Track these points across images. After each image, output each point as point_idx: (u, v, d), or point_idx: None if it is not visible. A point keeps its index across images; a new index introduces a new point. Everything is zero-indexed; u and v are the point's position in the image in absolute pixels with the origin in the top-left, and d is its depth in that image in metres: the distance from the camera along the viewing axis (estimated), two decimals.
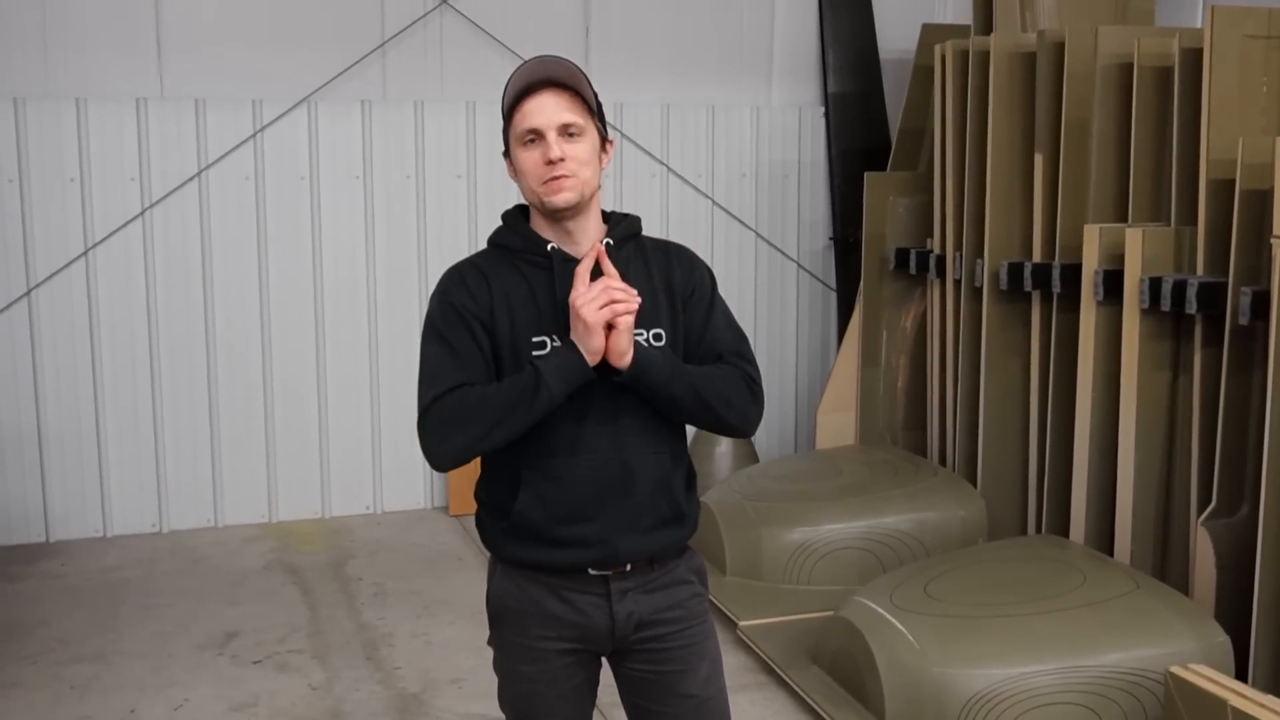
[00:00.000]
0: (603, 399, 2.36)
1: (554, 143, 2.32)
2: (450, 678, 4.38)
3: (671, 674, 2.48)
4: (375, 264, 6.19)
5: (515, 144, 2.37)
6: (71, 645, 4.66)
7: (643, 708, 2.54)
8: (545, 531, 2.38)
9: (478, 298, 2.37)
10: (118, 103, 5.75)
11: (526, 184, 2.37)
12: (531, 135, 2.34)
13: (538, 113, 2.33)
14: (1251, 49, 4.30)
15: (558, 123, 2.33)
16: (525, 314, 2.36)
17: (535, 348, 2.35)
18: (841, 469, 5.56)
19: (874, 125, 6.93)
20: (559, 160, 2.31)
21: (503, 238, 2.45)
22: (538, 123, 2.33)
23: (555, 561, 2.39)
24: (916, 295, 6.19)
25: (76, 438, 5.85)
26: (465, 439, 2.31)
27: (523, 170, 2.36)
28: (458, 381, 2.32)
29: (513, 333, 2.36)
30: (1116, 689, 3.67)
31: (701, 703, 2.51)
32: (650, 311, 2.41)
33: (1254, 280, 4.07)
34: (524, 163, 2.35)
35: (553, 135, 2.32)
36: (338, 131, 6.08)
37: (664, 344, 2.42)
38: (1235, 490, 4.20)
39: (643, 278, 2.43)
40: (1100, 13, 5.45)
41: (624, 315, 2.28)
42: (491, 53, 6.25)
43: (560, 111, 2.33)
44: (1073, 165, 4.89)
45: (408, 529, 6.11)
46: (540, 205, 2.37)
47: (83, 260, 5.76)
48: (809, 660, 4.33)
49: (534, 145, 2.34)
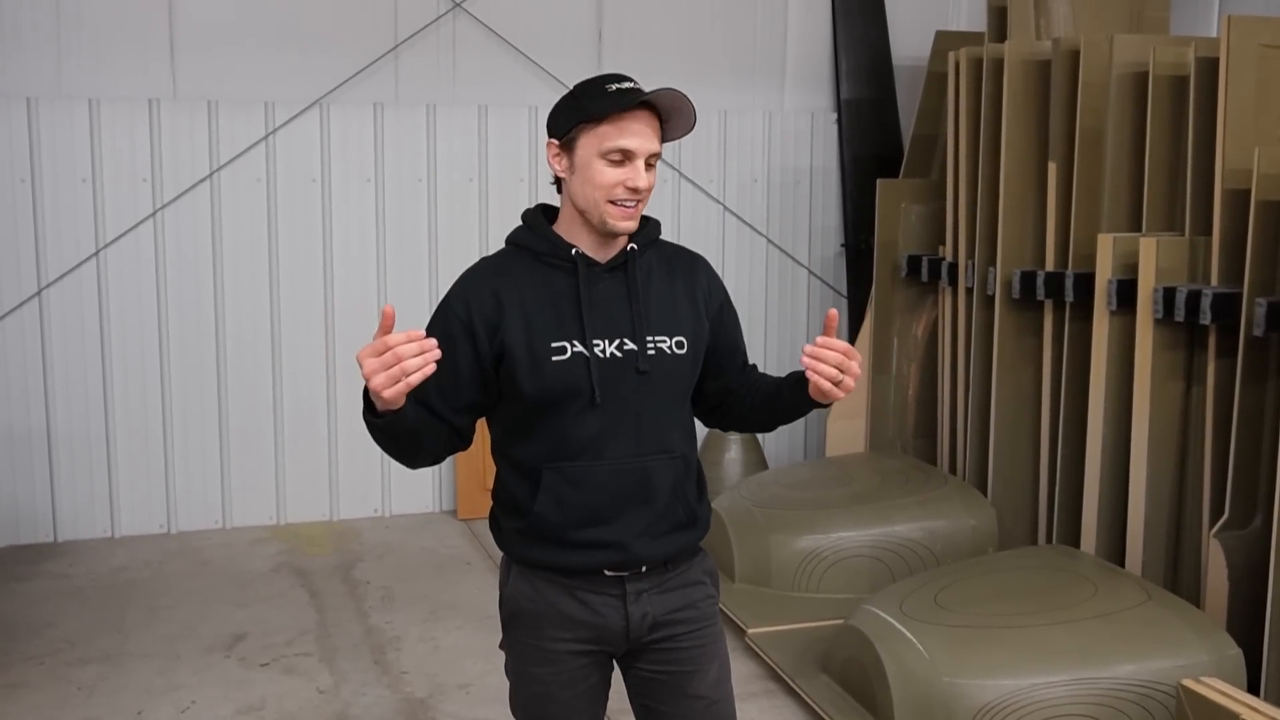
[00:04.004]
0: (623, 404, 2.34)
1: (643, 172, 2.29)
2: (458, 682, 4.36)
3: (682, 674, 2.48)
4: (386, 267, 6.19)
5: (593, 152, 2.29)
6: (78, 646, 4.66)
7: (652, 709, 2.53)
8: (562, 533, 2.36)
9: (483, 303, 2.32)
10: (130, 103, 5.76)
11: (590, 195, 2.30)
12: (621, 154, 2.28)
13: (638, 134, 2.28)
14: (1268, 58, 4.28)
15: (649, 151, 2.30)
16: (543, 318, 2.32)
17: (555, 353, 2.31)
18: (852, 476, 5.54)
19: (887, 132, 6.92)
20: (643, 190, 2.30)
21: (524, 239, 2.40)
22: (634, 145, 2.28)
23: (572, 563, 2.38)
24: (928, 303, 6.18)
25: (85, 438, 5.86)
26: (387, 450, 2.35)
27: (595, 182, 2.29)
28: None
29: (528, 336, 2.31)
30: (1128, 701, 3.65)
31: (711, 704, 2.51)
32: (670, 320, 2.40)
33: (1269, 291, 4.04)
34: (601, 176, 2.28)
35: (642, 163, 2.29)
36: (350, 134, 6.08)
37: (685, 352, 2.41)
38: (1248, 502, 4.18)
39: (665, 285, 2.42)
40: (1115, 21, 5.43)
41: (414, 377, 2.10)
42: (504, 56, 6.25)
43: (653, 139, 2.30)
44: (1087, 174, 4.87)
45: (416, 532, 6.10)
46: (599, 223, 2.32)
47: (94, 261, 5.76)
48: (818, 669, 4.31)
49: (619, 164, 2.28)
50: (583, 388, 2.31)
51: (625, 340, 2.34)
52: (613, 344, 2.33)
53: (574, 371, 2.30)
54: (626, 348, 2.34)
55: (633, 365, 2.34)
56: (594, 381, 2.31)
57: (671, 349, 2.38)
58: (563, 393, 2.30)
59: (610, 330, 2.34)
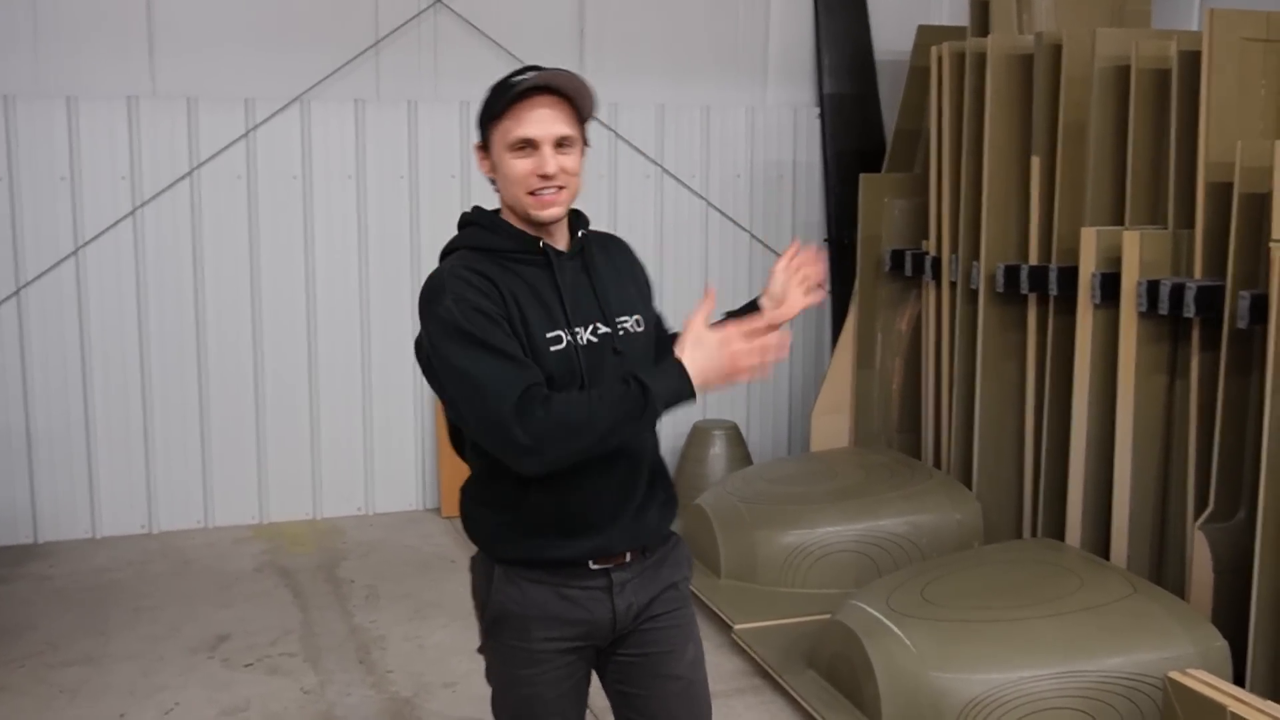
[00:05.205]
0: None
1: (550, 157, 2.30)
2: (443, 681, 4.34)
3: (659, 656, 2.50)
4: (368, 264, 6.16)
5: (503, 148, 2.32)
6: (60, 649, 4.62)
7: (629, 694, 2.54)
8: (557, 524, 2.37)
9: (492, 299, 2.30)
10: (109, 101, 5.71)
11: (511, 190, 2.34)
12: (524, 144, 2.30)
13: (534, 122, 2.29)
14: (1250, 52, 4.29)
15: (554, 135, 2.30)
16: (534, 312, 2.33)
17: (552, 343, 2.32)
18: (837, 471, 5.54)
19: (869, 126, 6.91)
20: (554, 174, 2.30)
21: (486, 240, 2.39)
22: (533, 133, 2.29)
23: (562, 555, 2.38)
24: (912, 297, 6.18)
25: (65, 438, 5.81)
26: (573, 449, 2.23)
27: (510, 176, 2.32)
28: (528, 383, 2.22)
29: (527, 330, 2.31)
30: (1115, 694, 3.66)
31: (689, 685, 2.54)
32: (627, 300, 2.48)
33: (1252, 284, 4.05)
34: (512, 169, 2.31)
35: (548, 149, 2.30)
36: (330, 131, 6.04)
37: (644, 329, 2.48)
38: (1232, 494, 4.19)
39: (611, 268, 2.49)
40: (1097, 15, 5.43)
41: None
42: (486, 52, 6.21)
43: (556, 123, 2.30)
44: (1070, 168, 4.88)
45: (400, 530, 6.08)
46: (525, 215, 2.35)
47: (73, 259, 5.71)
48: (805, 664, 4.30)
49: (525, 154, 2.30)
50: (576, 375, 2.33)
51: (598, 325, 2.39)
52: (588, 330, 2.37)
53: (569, 359, 2.33)
54: (600, 331, 2.39)
55: (610, 347, 2.39)
56: (582, 368, 2.33)
57: (634, 328, 2.45)
58: (561, 382, 2.31)
59: (585, 317, 2.38)
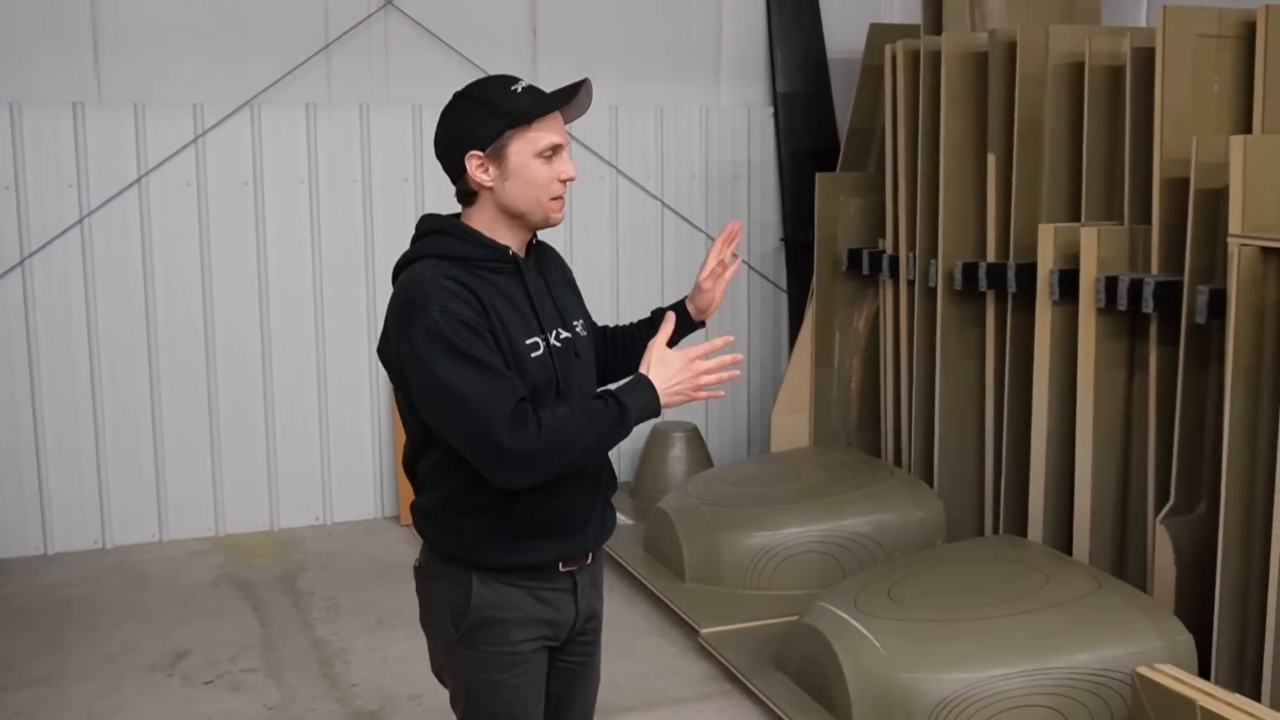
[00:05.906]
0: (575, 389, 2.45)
1: (569, 161, 2.38)
2: (409, 693, 4.29)
3: (590, 662, 2.62)
4: (322, 270, 6.08)
5: (529, 154, 2.33)
6: (15, 669, 4.52)
7: (563, 698, 2.61)
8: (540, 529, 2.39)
9: (475, 310, 2.28)
10: (53, 108, 5.59)
11: (532, 195, 2.35)
12: (553, 150, 2.34)
13: (559, 130, 2.36)
14: (1203, 48, 4.33)
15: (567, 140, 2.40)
16: (511, 319, 2.33)
17: (531, 349, 2.34)
18: (799, 472, 5.54)
19: (823, 125, 6.92)
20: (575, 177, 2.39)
21: (457, 249, 2.36)
22: (562, 139, 2.36)
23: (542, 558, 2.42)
24: (869, 296, 6.19)
25: (14, 452, 5.68)
26: (560, 464, 2.28)
27: (537, 182, 2.34)
28: (516, 398, 2.24)
29: (510, 340, 2.32)
30: (1083, 690, 3.67)
31: (598, 685, 2.71)
32: (574, 305, 2.54)
33: (1210, 279, 4.09)
34: (539, 175, 2.34)
35: (566, 153, 2.37)
36: (282, 135, 5.96)
37: (590, 332, 2.56)
38: (1193, 488, 4.23)
39: (556, 274, 2.54)
40: (1048, 12, 5.46)
41: None
42: (437, 54, 6.16)
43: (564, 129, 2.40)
44: (1026, 165, 4.90)
45: (359, 540, 6.01)
46: (543, 220, 2.39)
47: (18, 270, 5.59)
48: (773, 667, 4.29)
49: (550, 160, 2.35)
50: (553, 381, 2.37)
51: (560, 329, 2.44)
52: (552, 335, 2.41)
53: (546, 364, 2.36)
54: (563, 336, 2.43)
55: (572, 351, 2.44)
56: (557, 372, 2.38)
57: (583, 332, 2.51)
58: (542, 386, 2.35)
59: (551, 322, 2.42)
